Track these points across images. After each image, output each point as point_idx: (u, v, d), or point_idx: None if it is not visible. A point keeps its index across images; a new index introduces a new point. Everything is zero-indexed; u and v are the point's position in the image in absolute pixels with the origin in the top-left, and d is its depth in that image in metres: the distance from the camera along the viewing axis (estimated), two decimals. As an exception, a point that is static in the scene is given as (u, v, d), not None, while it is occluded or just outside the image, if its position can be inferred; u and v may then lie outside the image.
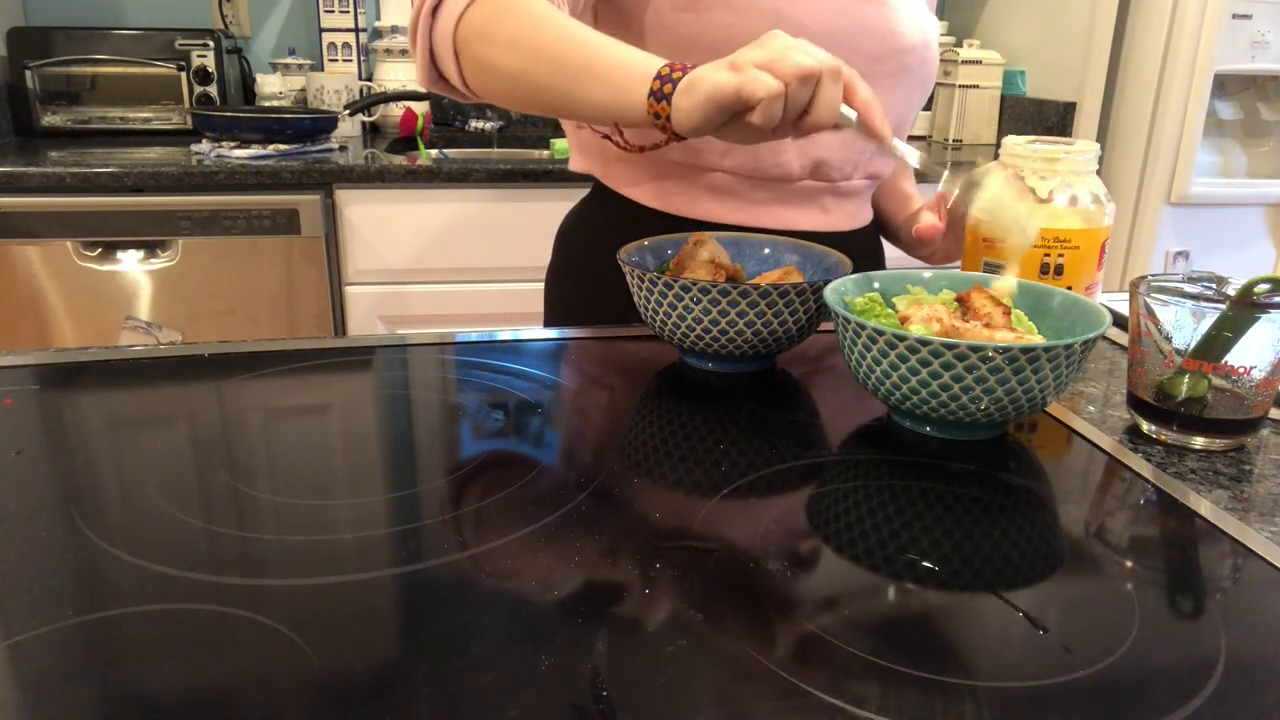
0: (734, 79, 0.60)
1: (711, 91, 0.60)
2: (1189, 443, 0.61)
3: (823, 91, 0.60)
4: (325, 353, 0.75)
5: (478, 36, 0.74)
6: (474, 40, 0.74)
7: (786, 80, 0.59)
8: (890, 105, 0.91)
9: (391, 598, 0.43)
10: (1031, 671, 0.39)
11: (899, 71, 0.89)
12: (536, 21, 0.71)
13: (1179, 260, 1.99)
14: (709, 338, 0.69)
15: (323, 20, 2.21)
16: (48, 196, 1.65)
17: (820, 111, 0.60)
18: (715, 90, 0.60)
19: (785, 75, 0.59)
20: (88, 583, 0.44)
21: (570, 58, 0.69)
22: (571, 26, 0.71)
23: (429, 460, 0.58)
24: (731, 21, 0.82)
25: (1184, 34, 1.83)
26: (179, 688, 0.37)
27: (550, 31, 0.71)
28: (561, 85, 0.70)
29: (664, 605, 0.42)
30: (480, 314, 1.88)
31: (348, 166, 1.73)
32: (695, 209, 0.91)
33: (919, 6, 0.92)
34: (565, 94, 0.70)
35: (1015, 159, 0.78)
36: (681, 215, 0.91)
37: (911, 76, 0.91)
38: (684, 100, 0.62)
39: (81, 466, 0.55)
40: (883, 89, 0.89)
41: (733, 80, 0.60)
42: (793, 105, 0.60)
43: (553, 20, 0.71)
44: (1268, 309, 0.57)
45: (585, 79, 0.69)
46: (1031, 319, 0.66)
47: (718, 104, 0.60)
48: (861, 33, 0.86)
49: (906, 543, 0.48)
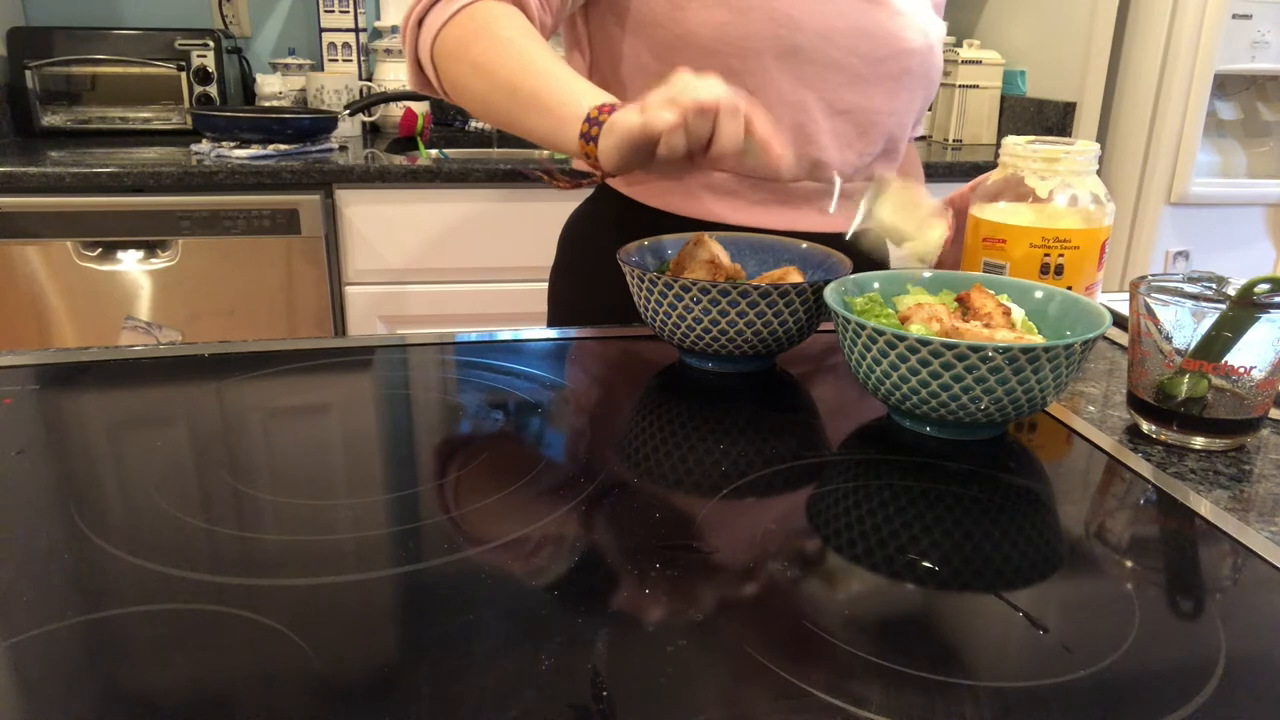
0: (639, 117, 0.63)
1: (624, 131, 0.63)
2: (1189, 443, 0.61)
3: (721, 123, 0.62)
4: (325, 353, 0.75)
5: (449, 54, 0.78)
6: (446, 57, 0.78)
7: (685, 113, 0.61)
8: (892, 108, 0.91)
9: (391, 598, 0.43)
10: (1031, 671, 0.39)
11: (900, 74, 0.89)
12: (500, 46, 0.75)
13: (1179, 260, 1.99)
14: (709, 338, 0.69)
15: (323, 20, 2.20)
16: (48, 196, 1.65)
17: (722, 142, 0.63)
18: (626, 130, 0.63)
19: (683, 107, 0.61)
20: (88, 583, 0.44)
21: (521, 85, 0.73)
22: (529, 53, 0.74)
23: (429, 460, 0.58)
24: (727, 21, 0.82)
25: (1184, 34, 1.83)
26: (179, 688, 0.37)
27: (509, 58, 0.74)
28: (512, 112, 0.74)
29: (664, 605, 0.42)
30: (480, 314, 1.88)
31: (348, 166, 1.73)
32: (696, 208, 0.92)
33: (923, 10, 0.92)
34: (515, 121, 0.75)
35: (1015, 159, 0.78)
36: (683, 214, 0.92)
37: (913, 79, 0.91)
38: (605, 142, 0.66)
39: (81, 466, 0.55)
40: (884, 91, 0.89)
41: (638, 119, 0.63)
42: (693, 136, 0.62)
43: (514, 46, 0.74)
44: (1268, 309, 0.57)
45: (531, 109, 0.72)
46: (1031, 319, 0.66)
47: (630, 142, 0.63)
48: (860, 34, 0.86)
49: (906, 543, 0.48)
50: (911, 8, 0.90)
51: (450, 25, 0.77)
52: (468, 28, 0.76)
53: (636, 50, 0.87)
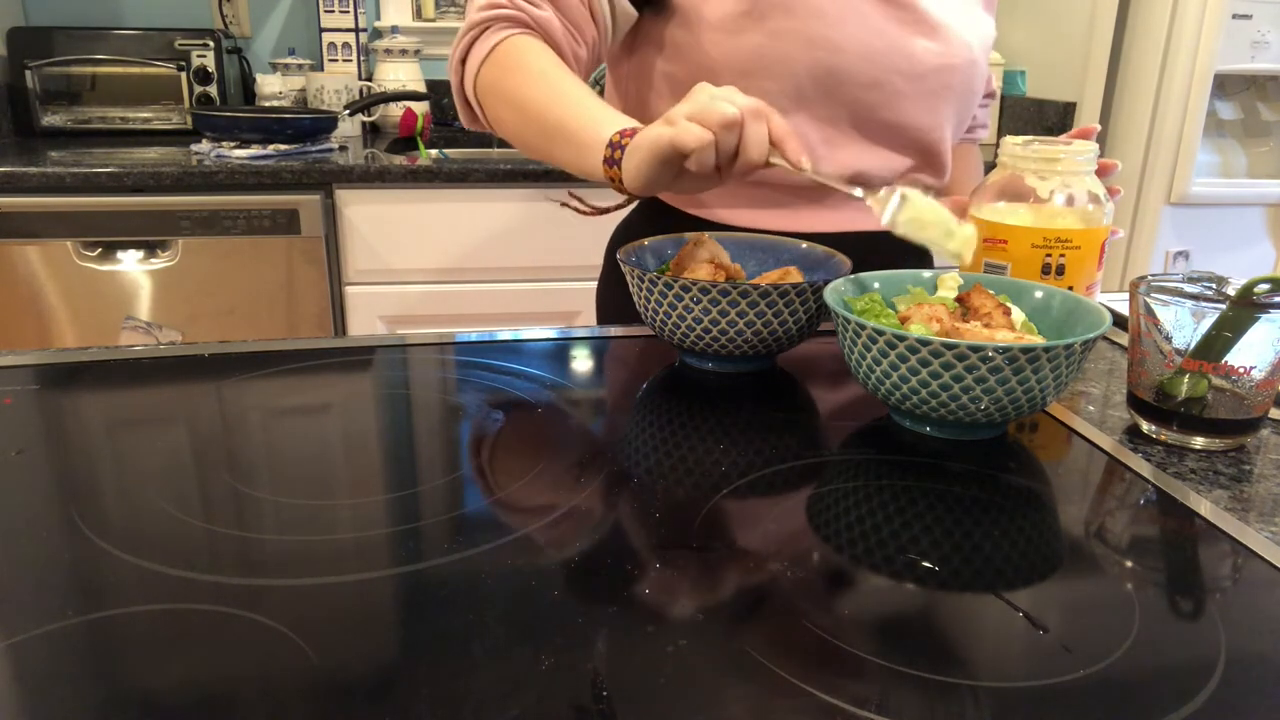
0: (668, 131, 0.63)
1: (651, 146, 0.64)
2: (1189, 443, 0.61)
3: (748, 134, 0.63)
4: (325, 353, 0.75)
5: (486, 92, 0.81)
6: (484, 94, 0.81)
7: (713, 129, 0.62)
8: (932, 123, 0.91)
9: (391, 598, 0.43)
10: (1031, 671, 0.39)
11: (940, 90, 0.89)
12: (530, 80, 0.77)
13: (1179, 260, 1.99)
14: (709, 338, 0.69)
15: (323, 20, 2.20)
16: (48, 196, 1.65)
17: (750, 152, 0.63)
18: (653, 145, 0.63)
19: (712, 125, 0.62)
20: (88, 583, 0.44)
21: (548, 116, 0.75)
22: (558, 84, 0.75)
23: (429, 460, 0.58)
24: (764, 44, 0.83)
25: (1184, 34, 1.83)
26: (179, 688, 0.37)
27: (539, 91, 0.76)
28: (542, 143, 0.76)
29: (664, 605, 0.42)
30: (480, 314, 1.88)
31: (348, 166, 1.73)
32: (740, 217, 0.93)
33: (967, 23, 0.91)
34: (544, 151, 0.77)
35: (1014, 159, 0.78)
36: (726, 224, 0.93)
37: (953, 94, 0.91)
38: (629, 162, 0.66)
39: (81, 466, 0.55)
40: (925, 107, 0.89)
41: (667, 133, 0.63)
42: (723, 151, 0.63)
43: (544, 79, 0.76)
44: (1268, 309, 0.57)
45: (557, 139, 0.74)
46: (1032, 319, 0.66)
47: (658, 156, 0.64)
48: (899, 54, 0.86)
49: (906, 543, 0.48)
50: (955, 20, 0.89)
51: (487, 63, 0.80)
52: (502, 64, 0.79)
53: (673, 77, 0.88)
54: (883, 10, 0.85)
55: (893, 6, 0.85)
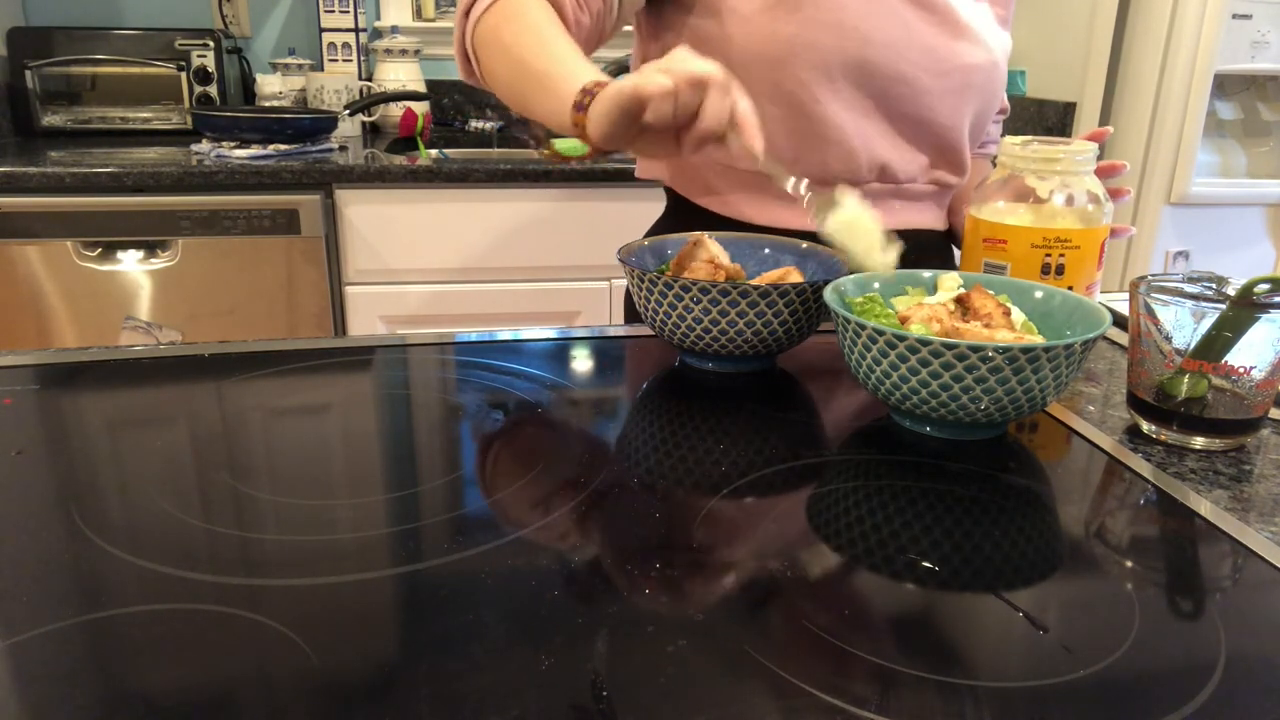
0: (632, 79, 0.63)
1: (614, 93, 0.63)
2: (1189, 443, 0.61)
3: (710, 101, 0.62)
4: (325, 353, 0.75)
5: (483, 42, 0.81)
6: (481, 45, 0.81)
7: (677, 81, 0.61)
8: (954, 121, 0.92)
9: (391, 598, 0.43)
10: (1031, 671, 0.39)
11: (962, 88, 0.91)
12: (523, 30, 0.77)
13: (1179, 260, 1.99)
14: (709, 338, 0.69)
15: (323, 20, 2.20)
16: (48, 196, 1.65)
17: (708, 118, 0.63)
18: (617, 92, 0.63)
19: (677, 77, 0.62)
20: (88, 583, 0.44)
21: (535, 67, 0.74)
22: (549, 41, 0.75)
23: (429, 460, 0.58)
24: (795, 34, 0.83)
25: (1184, 34, 1.83)
26: (179, 688, 0.37)
27: (529, 42, 0.76)
28: (526, 93, 0.76)
29: (664, 605, 0.42)
30: (480, 314, 1.88)
31: (348, 166, 1.73)
32: (766, 216, 0.93)
33: (989, 26, 0.93)
34: (528, 101, 0.76)
35: (1013, 159, 0.78)
36: (752, 223, 0.93)
37: (975, 93, 0.93)
38: (595, 109, 0.65)
39: (81, 466, 0.55)
40: (947, 106, 0.91)
41: (630, 80, 0.63)
42: (682, 106, 0.62)
43: (535, 32, 0.76)
44: (1268, 309, 0.57)
45: (540, 89, 0.74)
46: (1032, 319, 0.66)
47: (619, 104, 0.63)
48: (924, 50, 0.87)
49: (906, 543, 0.48)
50: (978, 24, 0.91)
51: (489, 13, 0.80)
52: (502, 14, 0.79)
53: None
54: (911, 8, 0.86)
55: (921, 7, 0.87)
